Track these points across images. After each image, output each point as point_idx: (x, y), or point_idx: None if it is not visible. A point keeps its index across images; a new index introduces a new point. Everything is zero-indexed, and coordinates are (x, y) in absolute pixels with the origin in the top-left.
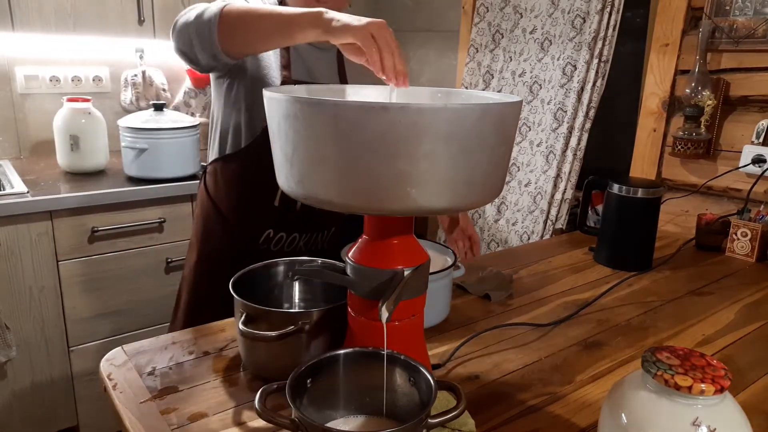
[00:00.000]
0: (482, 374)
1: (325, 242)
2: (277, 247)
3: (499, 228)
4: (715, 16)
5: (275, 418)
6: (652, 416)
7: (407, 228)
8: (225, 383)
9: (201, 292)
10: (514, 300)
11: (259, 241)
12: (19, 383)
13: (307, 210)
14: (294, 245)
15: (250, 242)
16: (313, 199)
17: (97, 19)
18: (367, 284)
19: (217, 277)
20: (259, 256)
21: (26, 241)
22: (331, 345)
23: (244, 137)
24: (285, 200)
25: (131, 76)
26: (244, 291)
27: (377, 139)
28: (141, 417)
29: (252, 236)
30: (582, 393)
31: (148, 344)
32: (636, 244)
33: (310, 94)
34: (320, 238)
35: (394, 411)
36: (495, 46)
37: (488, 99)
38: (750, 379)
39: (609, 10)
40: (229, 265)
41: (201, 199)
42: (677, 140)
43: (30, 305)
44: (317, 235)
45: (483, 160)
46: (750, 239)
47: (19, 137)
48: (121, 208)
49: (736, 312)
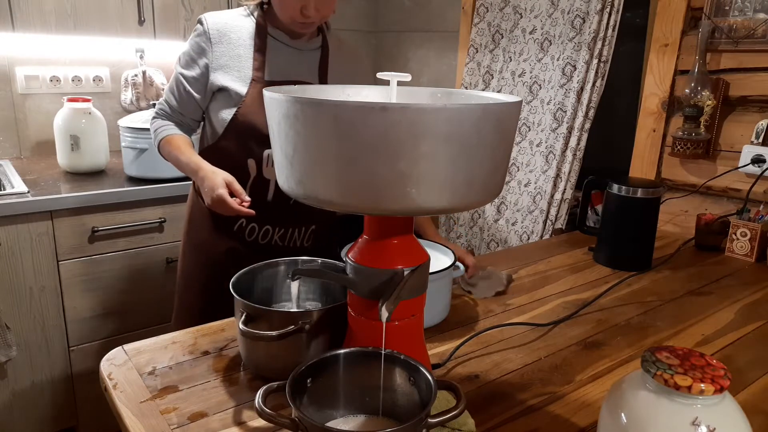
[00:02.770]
0: (482, 374)
1: (304, 239)
2: (251, 237)
3: (499, 228)
4: (714, 16)
5: (275, 417)
6: (651, 416)
7: (407, 228)
8: (225, 383)
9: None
10: (514, 300)
11: (234, 229)
12: (19, 383)
13: (278, 204)
14: (268, 238)
15: (227, 228)
16: (314, 199)
17: (97, 19)
18: (367, 284)
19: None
20: (236, 245)
21: (26, 241)
22: (331, 345)
23: (209, 136)
24: (255, 192)
25: (131, 76)
26: (244, 291)
27: (377, 139)
28: (141, 416)
29: (228, 222)
30: (582, 393)
31: (148, 344)
32: (635, 244)
33: (310, 94)
34: (297, 234)
35: (394, 410)
36: (495, 46)
37: (488, 99)
38: (750, 378)
39: (609, 11)
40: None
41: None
42: (677, 140)
43: (30, 305)
44: (293, 230)
45: (483, 160)
46: (749, 239)
47: (19, 137)
48: (121, 208)
49: (736, 312)
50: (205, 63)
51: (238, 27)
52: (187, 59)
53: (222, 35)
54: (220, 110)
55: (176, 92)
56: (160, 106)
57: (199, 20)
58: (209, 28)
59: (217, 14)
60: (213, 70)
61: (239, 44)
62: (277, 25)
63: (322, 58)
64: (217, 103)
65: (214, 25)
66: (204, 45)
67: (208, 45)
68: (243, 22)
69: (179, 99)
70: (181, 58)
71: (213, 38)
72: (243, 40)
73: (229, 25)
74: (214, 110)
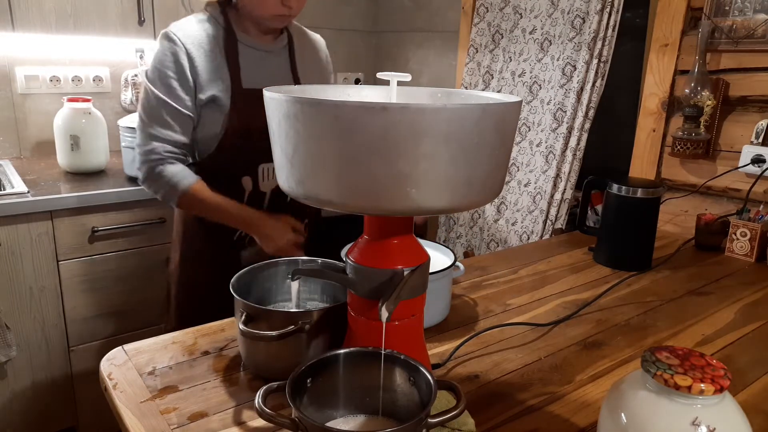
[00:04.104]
0: (482, 374)
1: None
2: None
3: (499, 228)
4: (714, 16)
5: (275, 417)
6: (651, 416)
7: (407, 228)
8: (225, 383)
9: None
10: (514, 300)
11: (234, 239)
12: (19, 383)
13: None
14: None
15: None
16: (314, 199)
17: (97, 19)
18: (367, 284)
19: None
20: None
21: (26, 241)
22: (331, 345)
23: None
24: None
25: (131, 76)
26: (244, 291)
27: (377, 139)
28: (141, 416)
29: (226, 233)
30: (581, 393)
31: (148, 344)
32: (635, 244)
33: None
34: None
35: (394, 410)
36: (495, 46)
37: (488, 99)
38: (750, 378)
39: (609, 11)
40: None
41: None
42: (677, 140)
43: (30, 305)
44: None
45: (483, 160)
46: (749, 239)
47: (19, 137)
48: (121, 208)
49: (736, 312)
50: (189, 78)
51: (208, 36)
52: (169, 81)
53: (197, 47)
54: (207, 125)
55: (172, 120)
56: (154, 150)
57: (168, 36)
58: (184, 42)
59: (182, 26)
60: (199, 85)
61: (214, 54)
62: (245, 28)
63: (290, 54)
64: (202, 118)
65: (186, 38)
66: (183, 61)
67: (186, 59)
68: (208, 30)
69: (182, 127)
70: (157, 82)
71: (190, 51)
72: (215, 49)
73: (199, 35)
74: (200, 126)
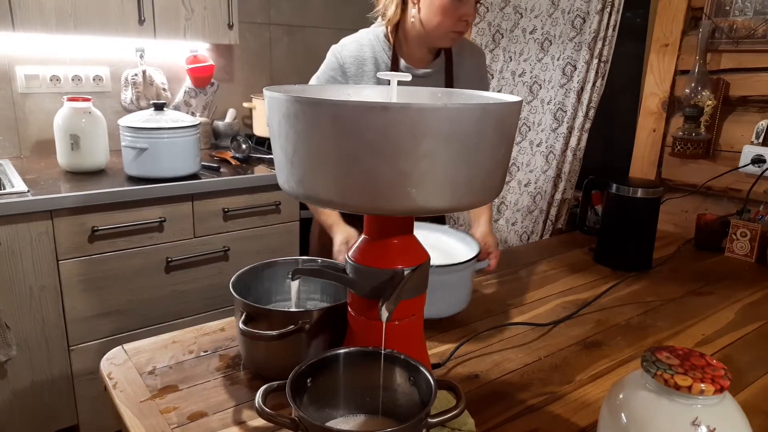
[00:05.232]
0: (482, 374)
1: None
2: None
3: (499, 228)
4: (715, 16)
5: (275, 417)
6: (651, 416)
7: (407, 228)
8: (225, 382)
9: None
10: (514, 300)
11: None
12: (19, 383)
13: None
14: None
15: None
16: (314, 198)
17: (97, 18)
18: (367, 284)
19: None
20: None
21: (26, 240)
22: (331, 344)
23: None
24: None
25: (131, 75)
26: (244, 290)
27: (378, 139)
28: (141, 416)
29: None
30: (582, 393)
31: (148, 343)
32: (635, 244)
33: (310, 94)
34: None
35: (394, 410)
36: (495, 46)
37: (488, 99)
38: (750, 379)
39: (609, 10)
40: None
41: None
42: (677, 140)
43: (30, 305)
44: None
45: (483, 160)
46: (749, 239)
47: (19, 137)
48: (121, 208)
49: (736, 312)
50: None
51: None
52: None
53: (357, 68)
54: None
55: None
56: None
57: (333, 53)
58: (344, 62)
59: (348, 45)
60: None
61: (369, 76)
62: (406, 52)
63: (446, 76)
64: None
65: (347, 57)
66: (339, 79)
67: (344, 78)
68: (371, 52)
69: None
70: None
71: (348, 71)
72: (372, 72)
73: (361, 56)
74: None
